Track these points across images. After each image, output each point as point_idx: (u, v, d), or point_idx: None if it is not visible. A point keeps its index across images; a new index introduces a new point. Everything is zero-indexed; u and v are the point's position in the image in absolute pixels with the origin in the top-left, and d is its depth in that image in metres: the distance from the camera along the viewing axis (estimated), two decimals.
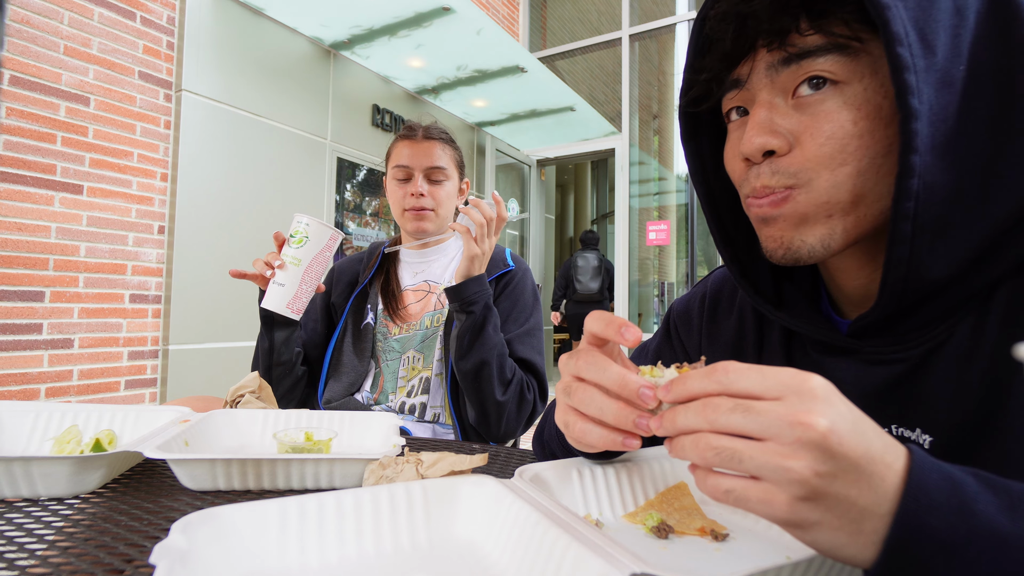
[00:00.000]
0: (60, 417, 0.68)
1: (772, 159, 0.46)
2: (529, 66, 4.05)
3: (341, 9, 3.22)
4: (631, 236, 5.22)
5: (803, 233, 0.46)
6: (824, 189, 0.44)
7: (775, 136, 0.45)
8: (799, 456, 0.29)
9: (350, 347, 1.25)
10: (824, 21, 0.42)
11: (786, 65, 0.44)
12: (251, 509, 0.37)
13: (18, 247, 2.28)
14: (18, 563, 0.38)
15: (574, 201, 9.77)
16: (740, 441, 0.31)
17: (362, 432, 0.74)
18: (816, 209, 0.45)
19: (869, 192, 0.44)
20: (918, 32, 0.39)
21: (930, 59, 0.39)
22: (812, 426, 0.29)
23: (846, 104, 0.43)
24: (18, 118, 2.28)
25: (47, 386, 2.37)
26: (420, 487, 0.42)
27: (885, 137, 0.42)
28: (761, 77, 0.46)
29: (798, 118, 0.45)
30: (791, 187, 0.45)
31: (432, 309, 1.26)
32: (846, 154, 0.43)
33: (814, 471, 0.29)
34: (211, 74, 2.90)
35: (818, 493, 0.30)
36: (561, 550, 0.34)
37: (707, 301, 0.67)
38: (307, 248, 1.00)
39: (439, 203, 1.26)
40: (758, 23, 0.44)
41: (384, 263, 1.33)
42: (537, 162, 5.88)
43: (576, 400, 0.41)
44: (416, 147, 1.27)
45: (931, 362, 0.45)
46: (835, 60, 0.42)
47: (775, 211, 0.46)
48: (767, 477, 0.30)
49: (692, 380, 0.34)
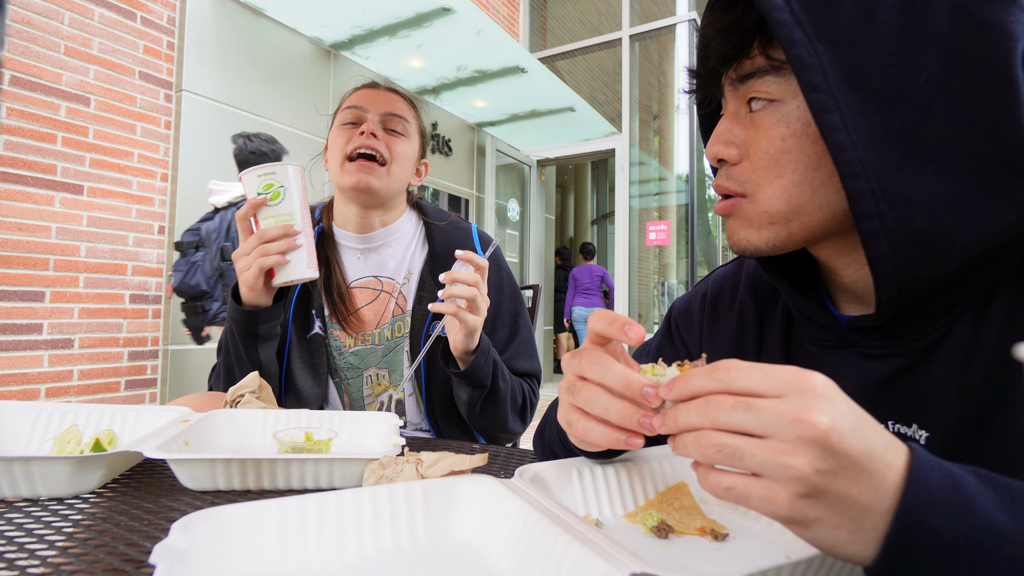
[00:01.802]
0: (60, 417, 0.68)
1: (726, 166, 0.51)
2: (529, 66, 4.06)
3: (341, 9, 3.22)
4: (631, 236, 5.22)
5: (749, 234, 0.50)
6: (763, 200, 0.48)
7: (728, 146, 0.50)
8: (800, 453, 0.30)
9: (300, 365, 1.03)
10: (769, 47, 0.46)
11: (742, 82, 0.49)
12: (251, 509, 0.37)
13: (18, 247, 2.28)
14: (18, 563, 0.38)
15: (574, 201, 9.77)
16: (741, 439, 0.31)
17: (362, 432, 0.74)
18: (758, 217, 0.49)
19: (807, 202, 0.47)
20: (843, 68, 0.41)
21: (861, 89, 0.41)
22: (813, 423, 0.29)
23: (779, 121, 0.47)
24: (18, 118, 2.28)
25: (47, 386, 2.37)
26: (420, 487, 0.42)
27: (814, 152, 0.45)
28: (728, 90, 0.51)
29: (749, 130, 0.49)
30: (739, 194, 0.50)
31: (391, 316, 1.05)
32: (780, 167, 0.47)
33: (815, 468, 0.29)
34: (211, 74, 2.90)
35: (819, 490, 0.30)
36: (561, 550, 0.34)
37: (708, 300, 0.68)
38: (290, 199, 0.85)
39: (394, 157, 1.00)
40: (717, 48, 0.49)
41: (320, 249, 1.06)
42: (537, 162, 5.88)
43: (580, 399, 0.41)
44: (377, 92, 1.04)
45: (929, 358, 0.46)
46: (772, 81, 0.46)
47: (728, 212, 0.52)
48: (768, 474, 0.30)
49: (694, 378, 0.34)
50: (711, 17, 0.50)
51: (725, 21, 0.48)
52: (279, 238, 0.84)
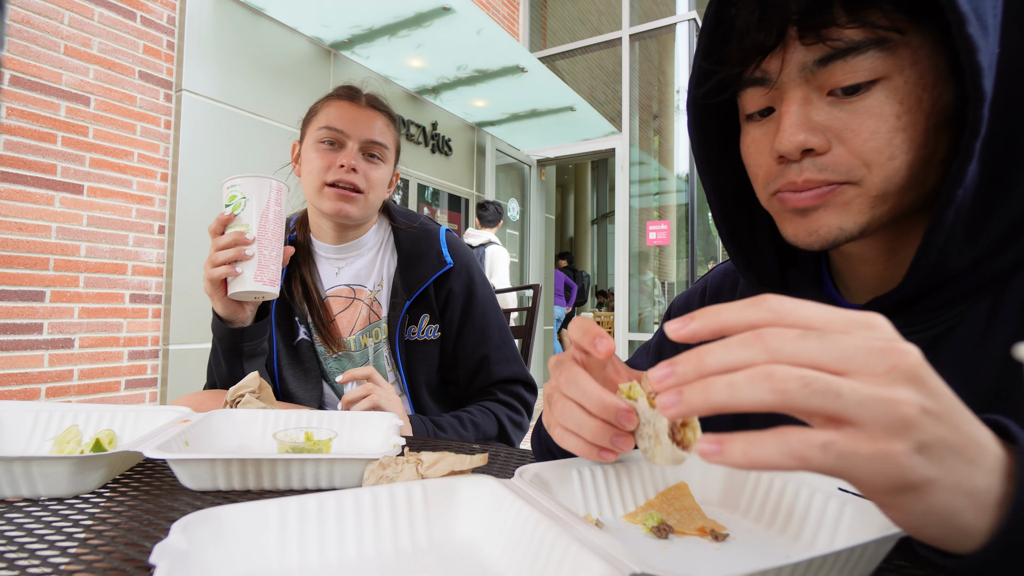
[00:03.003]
0: (60, 417, 0.68)
1: (813, 156, 0.44)
2: (529, 66, 4.05)
3: (341, 9, 3.22)
4: (631, 236, 5.22)
5: (844, 221, 0.45)
6: (876, 184, 0.43)
7: (814, 134, 0.43)
8: (900, 388, 0.23)
9: (291, 372, 1.04)
10: (862, 12, 0.39)
11: (823, 65, 0.41)
12: (251, 509, 0.37)
13: (18, 247, 2.28)
14: (18, 563, 0.38)
15: (574, 201, 9.77)
16: (825, 374, 0.24)
17: (362, 432, 0.74)
18: (865, 201, 0.44)
19: (912, 184, 0.43)
20: (975, 12, 0.37)
21: (987, 38, 0.37)
22: (907, 351, 0.24)
23: (888, 99, 0.41)
24: (18, 118, 2.28)
25: (47, 386, 2.37)
26: (420, 487, 0.42)
27: (927, 129, 0.42)
28: (794, 76, 0.43)
29: (836, 114, 0.43)
30: (842, 182, 0.44)
31: (364, 324, 1.06)
32: (893, 147, 0.41)
33: (922, 407, 0.23)
34: (211, 74, 2.90)
35: (930, 440, 0.24)
36: (561, 550, 0.34)
37: (707, 296, 0.68)
38: (249, 209, 0.82)
39: (371, 186, 1.01)
40: (789, 14, 0.41)
41: (294, 259, 1.07)
42: (537, 162, 5.88)
43: (556, 413, 0.42)
44: (358, 113, 1.01)
45: (941, 346, 0.45)
46: (875, 57, 0.40)
47: (819, 203, 0.45)
48: (868, 420, 0.23)
49: (729, 310, 0.27)
50: None
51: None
52: (229, 247, 0.82)
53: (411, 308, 1.03)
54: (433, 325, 1.05)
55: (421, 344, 1.04)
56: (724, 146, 0.56)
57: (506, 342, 1.09)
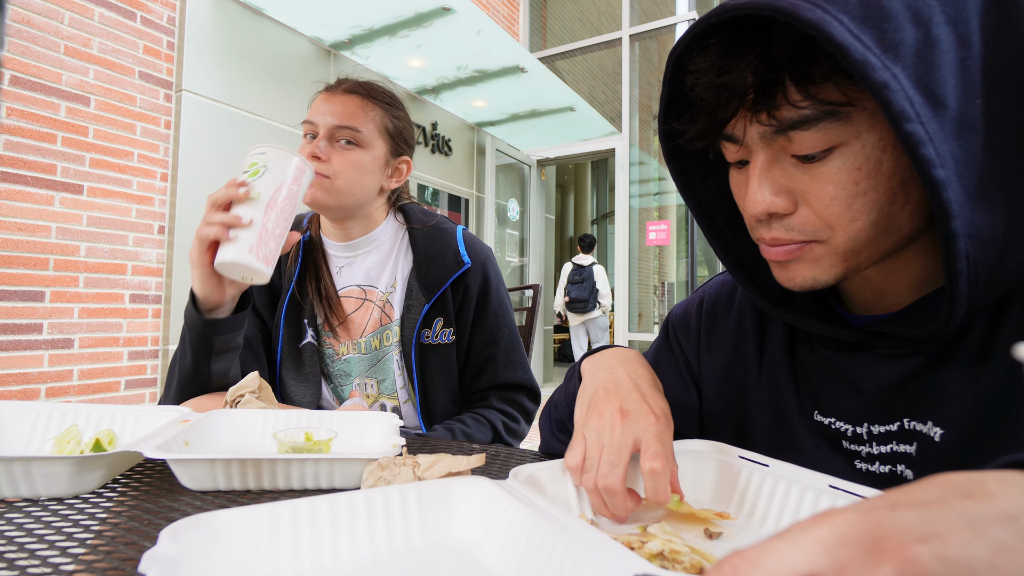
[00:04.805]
0: (60, 417, 0.68)
1: (781, 217, 0.46)
2: (529, 66, 4.05)
3: (341, 9, 3.22)
4: (631, 236, 5.22)
5: (818, 273, 0.46)
6: (842, 243, 0.44)
7: (779, 196, 0.45)
8: None
9: (291, 375, 1.02)
10: (812, 87, 0.40)
11: (779, 134, 0.43)
12: (242, 514, 0.37)
13: (18, 247, 2.28)
14: (18, 563, 0.38)
15: (574, 201, 9.77)
16: None
17: (362, 432, 0.74)
18: (835, 257, 0.45)
19: (884, 235, 0.44)
20: (923, 92, 0.36)
21: (942, 114, 0.37)
22: (915, 560, 0.19)
23: (846, 165, 0.42)
24: (18, 118, 2.28)
25: (47, 386, 2.37)
26: (414, 489, 0.42)
27: (889, 188, 0.42)
28: (756, 140, 0.45)
29: (800, 176, 0.44)
30: (808, 241, 0.45)
31: (377, 325, 1.03)
32: (854, 211, 0.42)
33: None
34: (211, 74, 2.90)
35: None
36: (561, 550, 0.34)
37: (705, 306, 0.68)
38: (266, 179, 0.76)
39: (337, 172, 0.96)
40: (743, 93, 0.42)
41: (308, 256, 1.05)
42: (537, 162, 5.88)
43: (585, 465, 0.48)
44: (331, 100, 0.99)
45: (946, 356, 0.46)
46: (828, 127, 0.41)
47: (790, 258, 0.47)
48: None
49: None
50: (704, 62, 0.43)
51: (740, 62, 0.41)
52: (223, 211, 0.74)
53: (426, 311, 1.01)
54: (447, 329, 1.03)
55: (435, 348, 1.02)
56: (705, 174, 0.56)
57: (515, 347, 1.07)
